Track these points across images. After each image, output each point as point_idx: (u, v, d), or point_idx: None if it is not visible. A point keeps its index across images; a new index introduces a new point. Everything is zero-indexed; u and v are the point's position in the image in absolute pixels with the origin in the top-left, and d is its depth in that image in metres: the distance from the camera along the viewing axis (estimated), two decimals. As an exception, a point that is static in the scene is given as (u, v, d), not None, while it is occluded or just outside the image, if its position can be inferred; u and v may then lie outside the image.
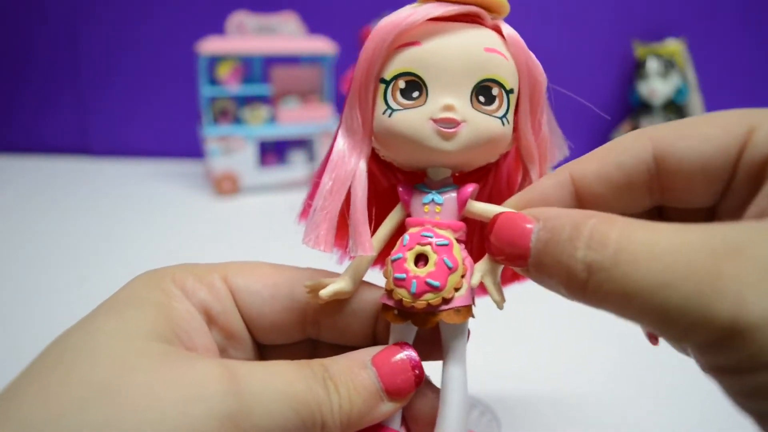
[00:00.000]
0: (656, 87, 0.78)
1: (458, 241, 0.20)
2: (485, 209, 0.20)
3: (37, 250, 0.59)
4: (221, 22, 0.76)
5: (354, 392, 0.19)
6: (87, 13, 0.89)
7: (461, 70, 0.19)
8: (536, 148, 0.21)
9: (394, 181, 0.22)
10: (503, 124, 0.19)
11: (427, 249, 0.19)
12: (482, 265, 0.20)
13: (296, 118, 0.78)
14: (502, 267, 0.20)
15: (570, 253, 0.16)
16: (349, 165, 0.20)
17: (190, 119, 0.87)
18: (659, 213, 0.21)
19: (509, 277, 0.24)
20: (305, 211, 0.22)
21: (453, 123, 0.19)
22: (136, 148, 0.94)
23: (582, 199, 0.20)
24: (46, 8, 0.89)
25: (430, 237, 0.19)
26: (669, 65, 0.79)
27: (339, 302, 0.22)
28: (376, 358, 0.20)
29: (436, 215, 0.20)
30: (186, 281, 0.21)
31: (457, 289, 0.19)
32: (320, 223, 0.20)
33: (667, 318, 0.14)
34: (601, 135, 0.89)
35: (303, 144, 0.83)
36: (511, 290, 0.24)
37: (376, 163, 0.22)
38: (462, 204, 0.20)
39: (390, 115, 0.19)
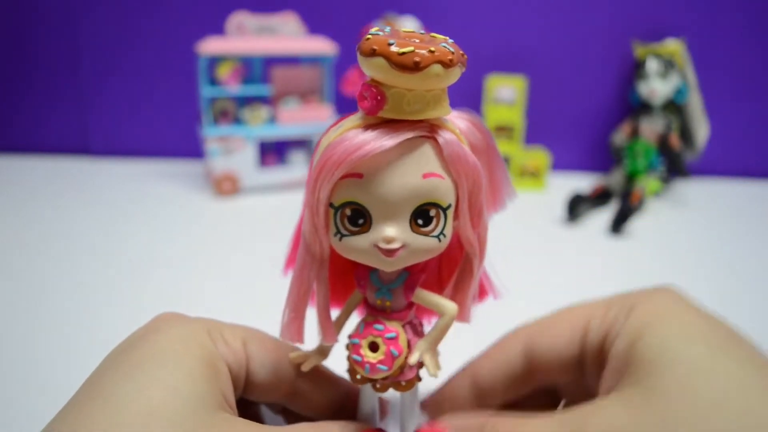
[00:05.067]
0: (656, 87, 0.78)
1: (405, 325, 0.24)
2: (429, 300, 0.24)
3: (37, 251, 0.59)
4: (221, 22, 0.76)
5: None
6: (87, 12, 0.89)
7: (400, 201, 0.21)
8: (475, 236, 0.23)
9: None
10: (439, 240, 0.22)
11: (379, 340, 0.24)
12: (422, 344, 0.24)
13: (296, 119, 0.78)
14: (439, 342, 0.24)
15: None
16: (312, 272, 0.23)
17: (190, 119, 0.88)
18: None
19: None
20: (291, 259, 0.26)
21: (393, 250, 0.21)
22: (136, 148, 0.94)
23: (479, 389, 0.27)
24: (47, 8, 0.89)
25: (381, 329, 0.24)
26: (669, 65, 0.79)
27: (315, 378, 0.27)
28: None
29: (387, 308, 0.24)
30: (218, 343, 0.25)
31: (402, 368, 0.24)
32: (291, 323, 0.24)
33: None
34: (601, 136, 0.89)
35: (303, 144, 0.83)
36: (510, 288, 0.25)
37: None
38: (410, 292, 0.24)
39: (340, 239, 0.22)
